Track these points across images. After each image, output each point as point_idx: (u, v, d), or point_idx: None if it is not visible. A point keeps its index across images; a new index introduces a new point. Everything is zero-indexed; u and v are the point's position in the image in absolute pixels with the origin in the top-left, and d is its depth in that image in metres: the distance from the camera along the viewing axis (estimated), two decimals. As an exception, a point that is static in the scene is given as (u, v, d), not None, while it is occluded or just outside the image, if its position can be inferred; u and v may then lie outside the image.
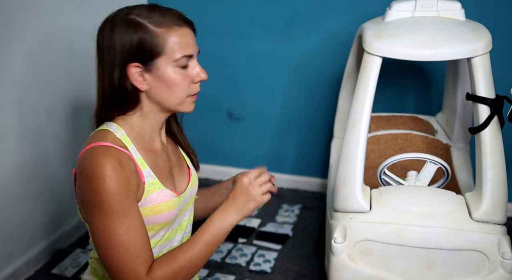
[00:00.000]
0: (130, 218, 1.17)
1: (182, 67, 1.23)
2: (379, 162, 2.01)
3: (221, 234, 1.25)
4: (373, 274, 1.48)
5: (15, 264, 1.95)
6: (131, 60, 1.20)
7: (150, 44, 1.19)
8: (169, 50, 1.20)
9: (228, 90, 2.63)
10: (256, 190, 1.28)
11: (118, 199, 1.15)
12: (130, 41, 1.19)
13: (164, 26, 1.20)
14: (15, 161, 1.90)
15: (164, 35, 1.19)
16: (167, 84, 1.22)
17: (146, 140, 1.29)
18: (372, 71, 1.48)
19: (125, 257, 1.16)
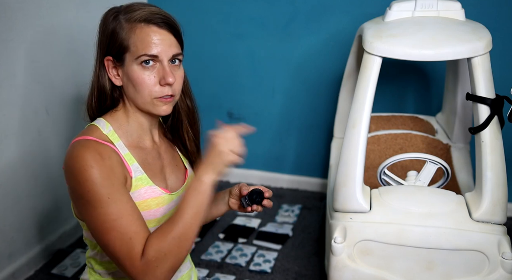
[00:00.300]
0: (119, 202, 1.17)
1: (146, 66, 1.21)
2: (379, 162, 2.01)
3: (200, 196, 1.20)
4: (373, 274, 1.48)
5: (15, 264, 1.95)
6: (106, 53, 1.22)
7: (120, 38, 1.20)
8: (133, 47, 1.20)
9: (228, 90, 2.63)
10: (221, 143, 1.23)
11: (102, 186, 1.15)
12: (107, 32, 1.22)
13: (132, 22, 1.20)
14: (15, 161, 1.90)
15: (129, 30, 1.20)
16: (132, 82, 1.23)
17: (134, 137, 1.30)
18: (372, 71, 1.48)
19: (119, 242, 1.16)
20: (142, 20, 1.20)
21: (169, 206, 1.32)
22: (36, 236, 2.04)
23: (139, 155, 1.28)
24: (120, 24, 1.21)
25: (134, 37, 1.20)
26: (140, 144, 1.31)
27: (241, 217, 2.39)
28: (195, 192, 1.19)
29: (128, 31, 1.20)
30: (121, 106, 1.29)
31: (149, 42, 1.19)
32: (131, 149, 1.27)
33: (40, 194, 2.03)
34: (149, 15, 1.21)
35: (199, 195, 1.18)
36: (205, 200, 1.19)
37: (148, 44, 1.19)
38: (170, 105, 1.27)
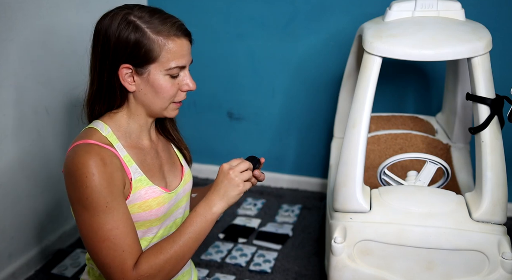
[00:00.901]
0: (116, 213, 1.17)
1: (172, 75, 1.24)
2: (379, 162, 2.01)
3: (206, 224, 1.24)
4: (373, 274, 1.48)
5: (15, 264, 1.95)
6: (124, 60, 1.21)
7: (146, 49, 1.20)
8: (163, 58, 1.21)
9: (228, 90, 2.63)
10: (237, 176, 1.25)
11: (102, 195, 1.15)
12: (126, 42, 1.20)
13: (162, 34, 1.20)
14: (15, 161, 1.90)
15: (161, 43, 1.20)
16: (155, 89, 1.24)
17: (133, 138, 1.30)
18: (372, 71, 1.48)
19: (111, 252, 1.17)
20: (173, 34, 1.21)
21: (170, 204, 1.33)
22: (36, 236, 2.04)
23: (138, 155, 1.29)
24: (147, 35, 1.20)
25: (167, 50, 1.21)
26: (138, 144, 1.31)
27: (241, 217, 2.40)
28: (203, 218, 1.23)
29: (160, 44, 1.20)
30: (123, 108, 1.29)
31: (180, 55, 1.23)
32: (130, 149, 1.27)
33: (40, 194, 2.03)
34: (178, 27, 1.23)
35: (206, 223, 1.23)
36: (209, 228, 1.24)
37: (179, 57, 1.23)
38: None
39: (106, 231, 1.16)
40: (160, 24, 1.21)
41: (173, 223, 1.38)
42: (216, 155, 2.74)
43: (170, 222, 1.36)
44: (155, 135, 1.38)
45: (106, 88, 1.25)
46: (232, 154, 2.72)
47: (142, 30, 1.20)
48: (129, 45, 1.20)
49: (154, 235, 1.32)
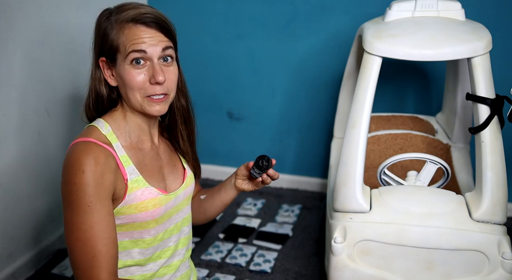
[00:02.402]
0: (96, 214, 1.17)
1: (136, 66, 1.21)
2: (379, 162, 2.01)
3: None
4: (373, 274, 1.48)
5: (15, 264, 1.95)
6: (100, 54, 1.24)
7: (109, 38, 1.22)
8: (122, 46, 1.21)
9: (228, 90, 2.63)
10: None
11: (87, 193, 1.16)
12: (99, 34, 1.24)
13: (121, 22, 1.21)
14: (15, 161, 1.90)
15: (119, 31, 1.21)
16: (124, 81, 1.23)
17: (132, 137, 1.30)
18: (372, 71, 1.48)
19: (82, 255, 1.16)
20: (130, 20, 1.21)
21: (167, 206, 1.32)
22: (36, 236, 2.04)
23: (137, 156, 1.29)
24: (111, 25, 1.22)
25: (123, 37, 1.20)
26: (138, 145, 1.31)
27: (241, 217, 2.40)
28: None
29: (118, 32, 1.21)
30: (119, 106, 1.30)
31: (137, 41, 1.20)
32: (129, 150, 1.27)
33: (40, 194, 2.03)
34: (137, 15, 1.21)
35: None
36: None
37: (135, 41, 1.20)
38: (164, 105, 1.26)
39: (81, 231, 1.16)
40: (124, 13, 1.22)
41: (174, 226, 1.37)
42: (216, 155, 2.74)
43: (171, 225, 1.36)
44: (157, 138, 1.38)
45: (95, 86, 1.27)
46: (232, 154, 2.72)
47: (109, 20, 1.22)
48: (101, 36, 1.23)
49: (153, 237, 1.31)
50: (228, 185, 1.49)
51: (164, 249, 1.36)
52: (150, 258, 1.33)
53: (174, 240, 1.38)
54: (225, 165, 2.74)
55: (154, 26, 1.22)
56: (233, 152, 2.72)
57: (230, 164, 2.73)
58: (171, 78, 1.26)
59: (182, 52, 1.45)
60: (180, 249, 1.41)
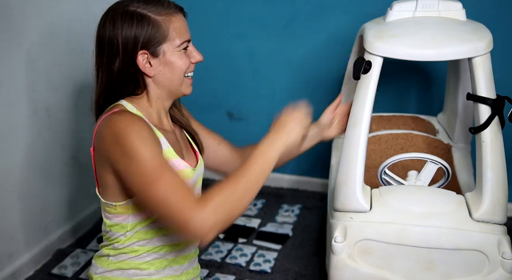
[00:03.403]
0: (162, 157, 1.21)
1: (184, 50, 1.32)
2: (380, 162, 2.01)
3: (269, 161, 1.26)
4: (373, 274, 1.48)
5: (15, 264, 1.95)
6: (139, 48, 1.26)
7: (155, 32, 1.26)
8: (171, 36, 1.28)
9: (228, 90, 2.63)
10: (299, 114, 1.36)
11: (147, 142, 1.19)
12: (136, 31, 1.26)
13: (163, 14, 1.27)
14: (15, 161, 1.90)
15: (166, 22, 1.27)
16: (172, 67, 1.30)
17: (155, 119, 1.35)
18: (373, 71, 1.48)
19: (170, 187, 1.17)
20: (172, 11, 1.29)
21: (193, 180, 1.37)
22: (36, 236, 2.04)
23: (162, 133, 1.32)
24: (152, 19, 1.26)
25: (171, 27, 1.27)
26: (160, 125, 1.35)
27: (241, 217, 2.39)
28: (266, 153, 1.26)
29: (165, 23, 1.27)
30: (143, 96, 1.33)
31: (185, 29, 1.31)
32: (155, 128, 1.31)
33: (40, 194, 2.03)
34: (174, 6, 1.31)
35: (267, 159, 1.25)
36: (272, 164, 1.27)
37: (185, 31, 1.31)
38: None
39: (159, 169, 1.17)
40: (157, 7, 1.28)
41: None
42: (216, 155, 2.73)
43: None
44: (171, 124, 1.42)
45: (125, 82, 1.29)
46: (232, 154, 2.72)
47: (146, 16, 1.26)
48: (140, 34, 1.26)
49: None
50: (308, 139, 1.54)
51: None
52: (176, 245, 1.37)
53: None
54: (225, 165, 2.74)
55: (183, 12, 1.34)
56: (233, 152, 2.72)
57: (230, 164, 2.73)
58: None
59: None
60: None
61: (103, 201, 1.32)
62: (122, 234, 1.33)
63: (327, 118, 1.61)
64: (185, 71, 1.33)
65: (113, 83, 1.29)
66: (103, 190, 1.31)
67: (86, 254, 2.12)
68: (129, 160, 1.18)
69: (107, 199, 1.30)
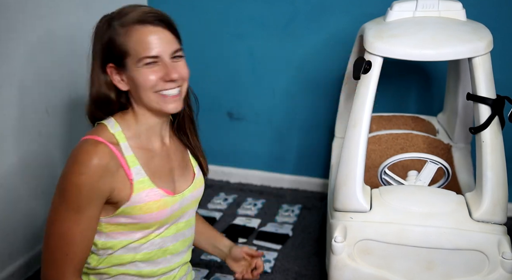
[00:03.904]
0: (82, 216, 1.19)
1: (149, 67, 1.21)
2: (380, 162, 2.01)
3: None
4: (373, 274, 1.48)
5: (15, 264, 1.94)
6: (107, 60, 1.22)
7: (117, 44, 1.20)
8: (132, 50, 1.20)
9: (228, 90, 2.63)
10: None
11: (81, 195, 1.17)
12: (103, 41, 1.22)
13: (127, 25, 1.20)
14: (15, 161, 1.90)
15: (125, 34, 1.19)
16: (135, 83, 1.23)
17: (142, 139, 1.30)
18: (373, 71, 1.48)
19: (57, 248, 1.19)
20: (135, 21, 1.19)
21: (173, 208, 1.31)
22: (36, 236, 2.04)
23: (145, 156, 1.28)
24: (115, 30, 1.20)
25: (132, 41, 1.19)
26: (148, 146, 1.30)
27: (241, 217, 2.39)
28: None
29: (124, 35, 1.19)
30: (130, 110, 1.29)
31: (147, 43, 1.19)
32: (137, 150, 1.27)
33: (41, 194, 2.03)
34: (141, 15, 1.19)
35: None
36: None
37: (147, 46, 1.19)
38: (179, 102, 1.27)
39: (63, 227, 1.19)
40: (127, 16, 1.20)
41: (175, 226, 1.36)
42: (216, 155, 2.73)
43: (171, 225, 1.35)
44: (168, 138, 1.37)
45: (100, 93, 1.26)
46: (232, 154, 2.72)
47: (112, 26, 1.21)
48: (105, 45, 1.22)
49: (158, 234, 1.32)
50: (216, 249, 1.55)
51: (162, 249, 1.35)
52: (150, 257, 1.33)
53: (171, 240, 1.37)
54: (225, 165, 2.74)
55: (161, 24, 1.21)
56: (233, 152, 2.72)
57: (230, 164, 2.73)
58: (183, 73, 1.25)
59: (182, 52, 1.45)
60: (179, 253, 1.40)
61: None
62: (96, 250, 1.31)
63: (239, 254, 1.55)
64: (154, 88, 1.22)
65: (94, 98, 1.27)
66: None
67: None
68: (56, 197, 1.21)
69: None
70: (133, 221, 1.26)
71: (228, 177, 2.73)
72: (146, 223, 1.27)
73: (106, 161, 1.19)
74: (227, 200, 2.55)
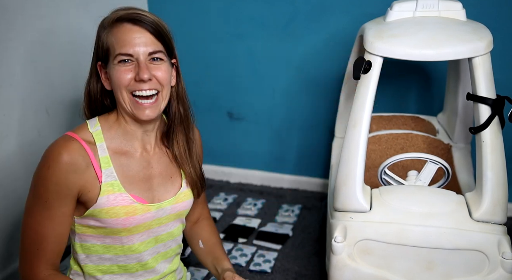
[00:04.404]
0: (52, 212, 1.20)
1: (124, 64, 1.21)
2: (380, 162, 2.01)
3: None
4: (373, 274, 1.48)
5: (15, 264, 1.94)
6: (97, 59, 1.26)
7: (101, 41, 1.24)
8: (111, 47, 1.22)
9: (228, 90, 2.63)
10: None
11: (47, 189, 1.18)
12: (96, 40, 1.26)
13: (110, 24, 1.23)
14: (15, 161, 1.90)
15: (108, 32, 1.23)
16: (112, 80, 1.24)
17: (120, 141, 1.29)
18: (373, 71, 1.48)
19: (30, 242, 1.21)
20: (117, 20, 1.21)
21: (144, 217, 1.28)
22: (36, 236, 2.04)
23: (120, 160, 1.27)
24: (103, 28, 1.24)
25: (112, 38, 1.21)
26: (125, 149, 1.29)
27: (241, 217, 2.39)
28: None
29: (107, 33, 1.22)
30: (114, 111, 1.30)
31: (124, 41, 1.20)
32: (113, 153, 1.26)
33: (40, 194, 2.03)
34: (124, 14, 1.21)
35: None
36: None
37: (123, 43, 1.20)
38: (154, 109, 1.24)
39: (34, 221, 1.20)
40: (112, 14, 1.24)
41: (154, 239, 1.33)
42: (216, 155, 2.74)
43: (149, 237, 1.32)
44: (153, 145, 1.34)
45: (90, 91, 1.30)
46: (232, 154, 2.72)
47: (102, 25, 1.25)
48: (96, 43, 1.26)
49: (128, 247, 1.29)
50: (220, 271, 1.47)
51: (141, 263, 1.33)
52: (126, 268, 1.32)
53: (150, 253, 1.34)
54: (225, 165, 2.74)
55: (141, 25, 1.21)
56: (233, 152, 2.72)
57: (230, 164, 2.74)
58: (160, 76, 1.23)
59: (182, 52, 1.45)
60: (160, 263, 1.37)
61: None
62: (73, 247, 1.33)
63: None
64: (127, 88, 1.22)
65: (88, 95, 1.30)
66: None
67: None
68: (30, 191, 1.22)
69: None
70: (101, 224, 1.25)
71: (228, 177, 2.73)
72: (113, 229, 1.25)
73: (75, 158, 1.19)
74: (227, 200, 2.55)
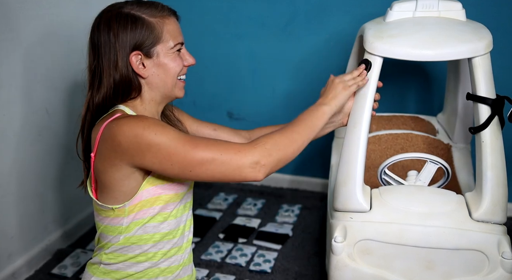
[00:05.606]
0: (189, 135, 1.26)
1: (178, 52, 1.34)
2: (380, 162, 2.01)
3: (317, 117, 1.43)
4: (373, 274, 1.49)
5: (15, 264, 1.95)
6: (133, 49, 1.28)
7: (149, 33, 1.29)
8: (165, 38, 1.31)
9: (228, 90, 2.63)
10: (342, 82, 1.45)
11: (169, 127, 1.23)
12: (130, 32, 1.28)
13: (157, 17, 1.30)
14: (15, 161, 1.90)
15: (160, 25, 1.30)
16: (165, 68, 1.32)
17: None
18: (373, 71, 1.48)
19: (210, 147, 1.22)
20: (166, 14, 1.32)
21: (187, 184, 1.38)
22: (36, 236, 2.04)
23: None
24: (146, 21, 1.29)
25: (165, 29, 1.30)
26: None
27: (241, 217, 2.40)
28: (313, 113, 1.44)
29: (159, 25, 1.29)
30: (137, 98, 1.34)
31: (178, 32, 1.34)
32: None
33: (40, 194, 2.03)
34: (167, 9, 1.34)
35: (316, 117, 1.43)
36: (319, 123, 1.43)
37: (178, 34, 1.34)
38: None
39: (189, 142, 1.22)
40: (151, 9, 1.31)
41: (184, 206, 1.40)
42: (216, 155, 2.73)
43: (183, 204, 1.39)
44: None
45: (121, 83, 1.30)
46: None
47: (140, 18, 1.29)
48: (134, 35, 1.28)
49: (170, 213, 1.34)
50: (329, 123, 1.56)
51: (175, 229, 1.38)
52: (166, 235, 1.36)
53: (184, 220, 1.41)
54: (225, 165, 2.73)
55: (177, 16, 1.38)
56: (233, 152, 2.72)
57: (230, 164, 2.73)
58: None
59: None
60: (187, 231, 1.43)
61: (99, 204, 1.30)
62: (114, 237, 1.32)
63: (350, 107, 1.55)
64: (178, 74, 1.35)
65: (116, 87, 1.29)
66: (101, 193, 1.30)
67: (86, 254, 2.12)
68: (156, 150, 1.20)
69: (104, 202, 1.29)
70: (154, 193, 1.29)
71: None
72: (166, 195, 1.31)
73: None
74: (227, 200, 2.55)
